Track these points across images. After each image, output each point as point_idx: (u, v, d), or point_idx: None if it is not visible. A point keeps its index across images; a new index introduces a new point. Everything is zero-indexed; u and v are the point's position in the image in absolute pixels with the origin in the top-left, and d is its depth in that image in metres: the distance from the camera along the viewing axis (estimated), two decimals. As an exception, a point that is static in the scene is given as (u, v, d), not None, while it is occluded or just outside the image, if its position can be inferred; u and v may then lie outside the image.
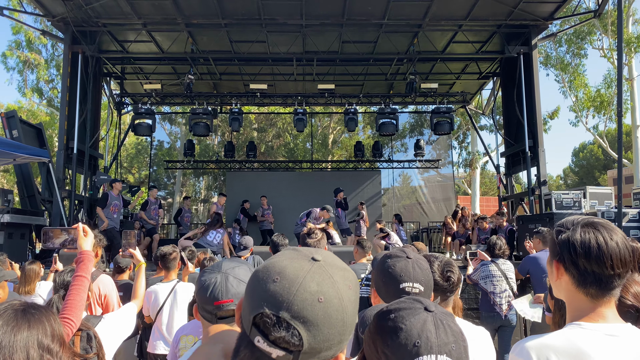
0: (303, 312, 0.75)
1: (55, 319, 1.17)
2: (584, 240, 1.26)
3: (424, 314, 0.94)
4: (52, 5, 10.46)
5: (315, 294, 0.77)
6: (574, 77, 20.42)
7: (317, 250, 0.86)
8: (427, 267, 1.63)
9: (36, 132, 11.30)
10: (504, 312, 5.47)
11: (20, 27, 21.14)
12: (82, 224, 2.23)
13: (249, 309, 0.80)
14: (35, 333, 1.11)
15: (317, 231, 3.18)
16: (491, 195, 32.14)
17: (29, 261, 5.13)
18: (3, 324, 1.08)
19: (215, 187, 26.95)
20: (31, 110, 23.69)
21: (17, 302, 1.17)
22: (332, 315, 0.77)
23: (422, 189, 19.73)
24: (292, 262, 0.81)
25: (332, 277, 0.80)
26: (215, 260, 4.84)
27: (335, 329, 0.78)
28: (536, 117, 11.09)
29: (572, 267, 1.27)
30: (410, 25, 11.40)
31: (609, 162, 32.55)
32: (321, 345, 0.76)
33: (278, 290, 0.77)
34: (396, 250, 1.66)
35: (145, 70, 14.04)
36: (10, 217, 8.64)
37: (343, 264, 0.87)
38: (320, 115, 24.13)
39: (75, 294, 2.00)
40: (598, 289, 1.25)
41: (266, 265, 0.83)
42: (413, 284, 1.55)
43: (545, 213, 8.99)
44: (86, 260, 2.13)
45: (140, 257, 3.16)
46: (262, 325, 0.76)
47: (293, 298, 0.76)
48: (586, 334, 1.23)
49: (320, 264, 0.82)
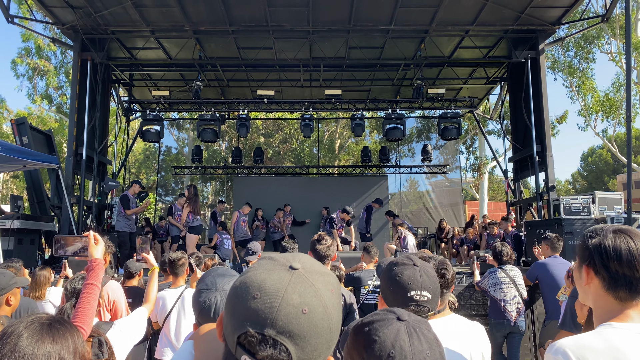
0: (288, 326, 0.73)
1: (79, 336, 1.20)
2: (615, 244, 1.31)
3: (396, 323, 0.95)
4: (62, 14, 10.59)
5: (298, 306, 0.75)
6: (582, 82, 20.32)
7: (294, 256, 0.84)
8: (434, 274, 1.63)
9: (46, 138, 11.40)
10: (514, 318, 5.44)
11: (30, 34, 21.39)
12: (93, 232, 2.24)
13: (231, 328, 0.77)
14: (58, 348, 1.13)
15: (327, 237, 3.19)
16: (499, 200, 31.97)
17: (40, 267, 5.16)
18: (28, 335, 1.12)
19: (223, 193, 27.01)
20: (40, 116, 23.91)
21: (44, 316, 1.20)
22: (318, 325, 0.76)
23: (430, 194, 19.68)
24: (271, 275, 0.79)
25: (313, 284, 0.78)
26: (225, 265, 4.85)
27: (322, 337, 0.76)
28: (544, 122, 11.04)
29: (603, 271, 1.32)
30: (417, 31, 11.41)
31: (618, 166, 32.31)
32: (310, 355, 0.75)
33: (260, 307, 0.74)
34: (403, 258, 1.66)
35: (154, 76, 14.15)
36: (21, 223, 8.71)
37: (322, 267, 0.85)
38: (326, 121, 24.17)
39: (86, 302, 2.02)
40: (628, 291, 1.30)
41: (243, 280, 0.80)
42: (421, 292, 1.55)
43: (554, 218, 8.92)
44: (97, 268, 2.15)
45: (154, 261, 3.18)
46: (248, 345, 0.74)
47: (276, 314, 0.73)
48: (620, 333, 1.26)
49: (299, 272, 0.79)
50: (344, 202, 12.55)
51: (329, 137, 26.48)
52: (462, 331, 1.83)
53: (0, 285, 2.99)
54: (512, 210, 12.80)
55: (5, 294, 2.98)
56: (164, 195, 29.59)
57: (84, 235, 2.26)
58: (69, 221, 9.90)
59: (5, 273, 3.26)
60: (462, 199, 19.48)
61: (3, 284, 3.10)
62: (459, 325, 1.89)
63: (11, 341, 1.10)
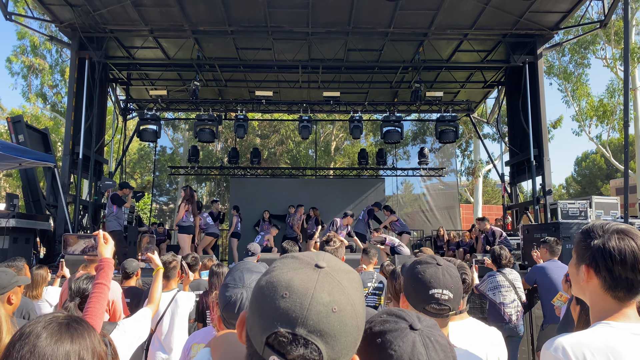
0: (319, 325, 0.73)
1: (96, 335, 1.19)
2: (620, 248, 1.31)
3: (411, 334, 0.94)
4: (60, 12, 10.53)
5: (328, 304, 0.75)
6: (576, 87, 20.46)
7: (317, 254, 0.84)
8: (457, 274, 1.63)
9: (42, 137, 11.31)
10: (513, 322, 5.44)
11: (26, 32, 21.24)
12: (103, 231, 2.22)
13: (259, 328, 0.76)
14: (77, 348, 1.12)
15: (336, 239, 3.18)
16: (493, 203, 32.10)
17: (37, 266, 5.11)
18: (47, 335, 1.10)
19: (218, 193, 26.95)
20: (35, 115, 23.73)
21: (61, 315, 1.19)
22: (347, 323, 0.76)
23: (425, 197, 19.72)
24: (298, 274, 0.78)
25: (340, 283, 0.78)
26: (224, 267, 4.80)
27: (351, 335, 0.76)
28: (541, 126, 11.10)
29: (605, 273, 1.32)
30: (416, 34, 11.44)
31: (611, 171, 32.54)
32: (339, 353, 0.75)
33: (289, 307, 0.74)
34: (427, 257, 1.67)
35: (151, 76, 14.09)
36: (16, 222, 8.62)
37: (346, 265, 0.85)
38: (322, 123, 24.18)
39: (95, 301, 2.00)
40: (627, 292, 1.31)
41: (269, 280, 0.79)
42: (442, 291, 1.56)
43: (551, 222, 8.96)
44: (107, 268, 2.13)
45: (159, 261, 3.15)
46: (278, 345, 0.73)
47: (307, 313, 0.73)
48: (616, 333, 1.28)
49: (325, 270, 0.79)
50: (341, 204, 12.56)
51: (324, 139, 26.49)
52: (480, 335, 1.85)
53: (2, 283, 2.97)
54: (508, 214, 12.84)
55: (7, 292, 2.95)
56: (158, 196, 29.48)
57: (93, 234, 2.24)
58: (65, 220, 9.83)
59: (7, 271, 3.23)
60: (457, 202, 19.53)
61: (5, 282, 3.07)
62: (476, 329, 1.91)
63: (30, 341, 1.08)
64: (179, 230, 9.55)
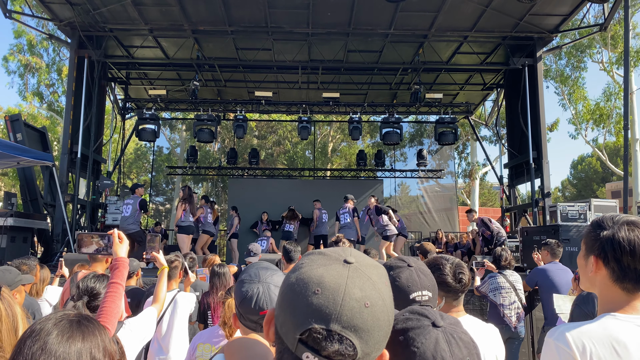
0: (353, 320, 0.73)
1: (107, 334, 1.17)
2: (630, 238, 1.31)
3: (434, 331, 0.93)
4: (60, 10, 10.49)
5: (360, 300, 0.75)
6: (573, 90, 20.56)
7: (344, 250, 0.84)
8: (429, 271, 1.61)
9: (39, 135, 11.25)
10: (513, 324, 5.44)
11: (22, 30, 21.15)
12: (118, 230, 2.21)
13: (292, 326, 0.76)
14: (89, 346, 1.10)
15: (345, 241, 3.17)
16: (489, 206, 32.18)
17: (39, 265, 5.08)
18: (58, 333, 1.08)
19: (215, 194, 26.89)
20: (31, 114, 23.63)
21: (71, 313, 1.17)
22: (379, 317, 0.76)
23: (423, 199, 19.74)
24: (328, 270, 0.78)
25: (370, 278, 0.79)
26: (226, 268, 4.78)
27: (383, 330, 0.77)
28: (540, 129, 11.14)
29: (614, 263, 1.32)
30: (416, 36, 11.46)
31: (607, 174, 32.68)
32: (372, 348, 0.76)
33: (323, 303, 0.74)
34: (395, 261, 1.64)
35: (150, 75, 14.05)
36: (14, 221, 8.58)
37: (373, 260, 0.85)
38: (320, 124, 24.17)
39: (110, 301, 1.98)
40: (635, 284, 1.31)
41: (299, 276, 0.79)
42: (422, 292, 1.54)
43: (551, 225, 8.97)
44: (122, 267, 2.12)
45: (164, 260, 3.14)
46: (312, 342, 0.73)
47: (340, 309, 0.74)
48: (621, 324, 1.28)
49: (355, 266, 0.80)
50: (340, 204, 12.48)
51: (322, 140, 26.50)
52: (476, 332, 1.83)
53: (7, 282, 2.95)
54: (506, 216, 12.87)
55: (11, 291, 2.92)
56: (154, 196, 29.39)
57: (107, 233, 2.23)
58: (63, 219, 9.77)
59: (11, 270, 3.22)
60: (455, 204, 19.56)
61: (9, 281, 3.06)
62: (473, 326, 1.89)
63: (40, 339, 1.06)
64: (178, 230, 9.50)
